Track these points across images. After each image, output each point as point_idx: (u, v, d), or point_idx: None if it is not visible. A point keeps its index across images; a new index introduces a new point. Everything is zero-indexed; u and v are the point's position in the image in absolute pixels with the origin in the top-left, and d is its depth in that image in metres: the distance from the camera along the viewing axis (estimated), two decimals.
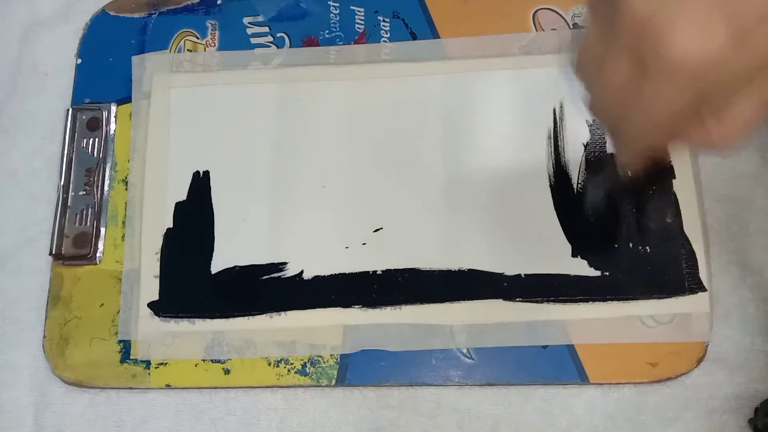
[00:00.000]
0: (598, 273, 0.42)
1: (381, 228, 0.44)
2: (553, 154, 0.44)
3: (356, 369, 0.42)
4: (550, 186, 0.43)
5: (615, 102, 0.30)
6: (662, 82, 0.27)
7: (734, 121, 0.29)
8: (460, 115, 0.45)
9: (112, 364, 0.43)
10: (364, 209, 0.44)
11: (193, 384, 0.43)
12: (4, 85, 0.50)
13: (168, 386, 0.43)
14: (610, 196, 0.43)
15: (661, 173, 0.43)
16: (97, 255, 0.45)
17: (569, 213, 0.43)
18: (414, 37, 0.47)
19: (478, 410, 0.41)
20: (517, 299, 0.42)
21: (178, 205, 0.45)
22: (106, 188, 0.46)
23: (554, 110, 0.45)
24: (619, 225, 0.42)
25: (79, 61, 0.49)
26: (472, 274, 0.42)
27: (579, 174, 0.43)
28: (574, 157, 0.44)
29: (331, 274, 0.43)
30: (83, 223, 0.46)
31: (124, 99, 0.48)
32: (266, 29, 0.48)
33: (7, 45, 0.51)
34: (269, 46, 0.48)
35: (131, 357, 0.43)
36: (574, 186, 0.43)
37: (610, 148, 0.43)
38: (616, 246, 0.42)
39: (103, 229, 0.46)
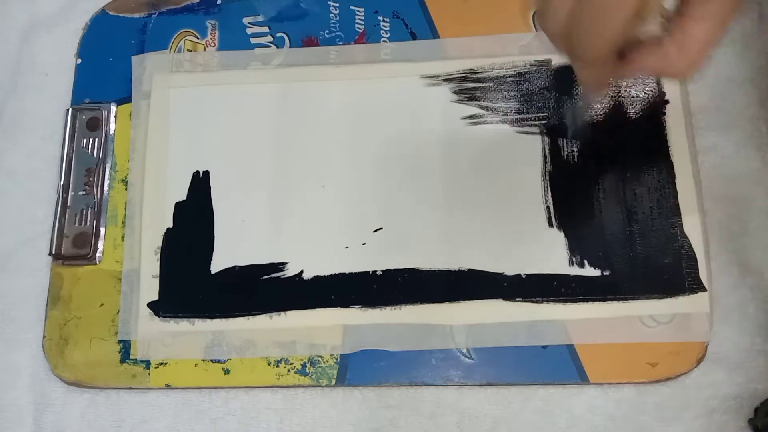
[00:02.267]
0: (598, 273, 0.42)
1: (381, 228, 0.44)
2: (551, 153, 0.44)
3: (356, 369, 0.42)
4: None
5: (564, 17, 0.29)
6: None
7: (693, 44, 0.29)
8: (459, 114, 0.45)
9: (112, 364, 0.43)
10: (364, 209, 0.44)
11: (192, 384, 0.43)
12: (4, 85, 0.50)
13: (168, 386, 0.43)
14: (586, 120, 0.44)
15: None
16: (97, 255, 0.45)
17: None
18: (414, 37, 0.47)
19: (478, 410, 0.41)
20: (517, 299, 0.42)
21: (178, 205, 0.45)
22: (105, 188, 0.46)
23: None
24: (619, 225, 0.42)
25: (79, 61, 0.49)
26: (472, 274, 0.42)
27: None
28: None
29: (331, 274, 0.43)
30: (83, 223, 0.46)
31: (124, 99, 0.48)
32: (266, 29, 0.48)
33: (7, 45, 0.51)
34: (269, 46, 0.48)
35: (131, 357, 0.43)
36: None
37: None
38: (616, 245, 0.42)
39: (102, 229, 0.46)
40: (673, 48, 0.30)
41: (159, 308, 0.44)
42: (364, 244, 0.43)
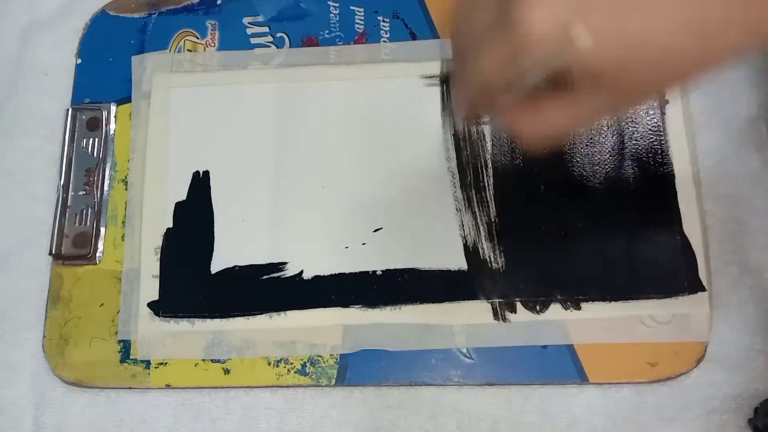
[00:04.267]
0: (597, 273, 0.42)
1: (381, 228, 0.44)
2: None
3: (356, 369, 0.42)
4: None
5: (467, 39, 0.29)
6: (502, 40, 0.26)
7: (547, 121, 0.29)
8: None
9: (112, 363, 0.43)
10: (364, 209, 0.44)
11: (192, 384, 0.43)
12: (4, 85, 0.50)
13: (168, 386, 0.43)
14: None
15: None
16: (97, 255, 0.45)
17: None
18: (414, 37, 0.47)
19: (478, 410, 0.41)
20: (517, 299, 0.42)
21: (178, 205, 0.45)
22: (106, 188, 0.46)
23: None
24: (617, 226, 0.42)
25: (79, 61, 0.49)
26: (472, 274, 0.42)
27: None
28: None
29: (331, 274, 0.43)
30: (83, 223, 0.46)
31: (124, 99, 0.48)
32: (266, 29, 0.48)
33: (7, 45, 0.51)
34: (269, 46, 0.48)
35: (131, 357, 0.43)
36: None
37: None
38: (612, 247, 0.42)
39: (102, 229, 0.46)
40: (529, 113, 0.29)
41: (159, 308, 0.44)
42: (364, 244, 0.43)
